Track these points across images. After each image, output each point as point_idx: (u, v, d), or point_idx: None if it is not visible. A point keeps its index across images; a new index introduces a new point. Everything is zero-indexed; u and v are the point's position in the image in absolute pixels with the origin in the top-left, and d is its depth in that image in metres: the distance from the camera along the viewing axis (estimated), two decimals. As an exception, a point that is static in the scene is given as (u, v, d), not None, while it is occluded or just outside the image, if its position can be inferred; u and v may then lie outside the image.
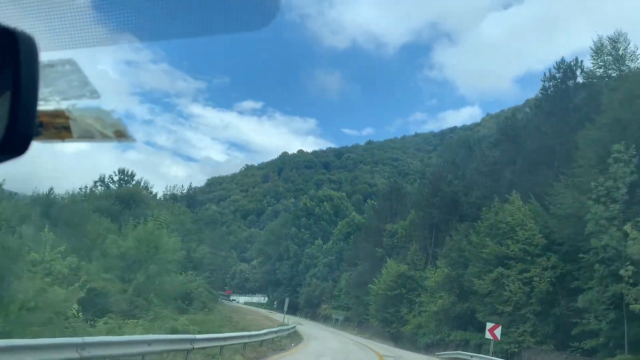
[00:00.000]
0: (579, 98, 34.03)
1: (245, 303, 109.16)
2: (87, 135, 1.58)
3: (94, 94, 1.60)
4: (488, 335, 21.49)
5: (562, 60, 36.46)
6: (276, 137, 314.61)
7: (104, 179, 55.21)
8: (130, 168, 57.72)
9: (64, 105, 1.54)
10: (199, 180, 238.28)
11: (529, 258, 25.93)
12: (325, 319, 66.85)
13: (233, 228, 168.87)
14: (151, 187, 55.05)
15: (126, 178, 56.27)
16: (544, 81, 36.61)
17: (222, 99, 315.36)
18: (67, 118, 1.53)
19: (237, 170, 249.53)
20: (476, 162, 42.03)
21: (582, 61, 35.48)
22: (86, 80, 1.60)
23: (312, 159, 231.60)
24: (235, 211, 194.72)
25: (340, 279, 69.29)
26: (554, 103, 35.01)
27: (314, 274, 78.51)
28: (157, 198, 56.14)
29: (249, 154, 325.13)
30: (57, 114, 1.52)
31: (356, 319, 55.81)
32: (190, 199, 62.17)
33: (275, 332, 19.56)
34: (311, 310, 75.70)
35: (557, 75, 36.29)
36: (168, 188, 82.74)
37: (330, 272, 76.89)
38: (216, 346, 12.63)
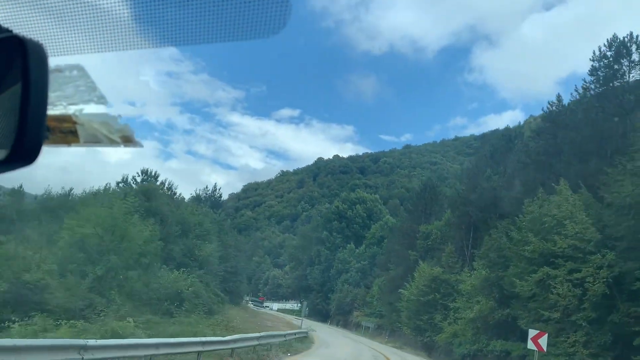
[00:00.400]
0: (635, 77, 29.96)
1: (279, 310, 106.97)
2: (94, 140, 1.59)
3: (102, 99, 1.62)
4: (531, 345, 17.96)
5: (615, 37, 32.40)
6: (314, 144, 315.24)
7: (126, 179, 54.07)
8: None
9: (71, 110, 1.56)
10: (237, 188, 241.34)
11: (580, 255, 22.18)
12: (357, 327, 63.58)
13: (267, 233, 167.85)
14: (175, 188, 53.35)
15: (149, 178, 54.98)
16: (593, 60, 32.60)
17: (260, 108, 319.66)
18: (74, 123, 1.56)
19: (273, 177, 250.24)
20: (518, 154, 38.19)
21: (638, 36, 31.31)
22: (94, 86, 1.61)
23: (348, 164, 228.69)
24: (269, 217, 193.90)
25: (373, 285, 65.90)
26: (606, 83, 31.01)
27: (345, 279, 75.35)
28: (181, 198, 54.48)
29: (287, 161, 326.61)
30: (64, 118, 1.54)
31: (388, 327, 52.34)
32: (215, 201, 60.31)
33: (269, 337, 16.83)
34: (343, 317, 72.51)
35: (609, 53, 32.28)
36: (197, 190, 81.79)
37: (362, 277, 73.56)
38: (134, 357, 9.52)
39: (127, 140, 1.62)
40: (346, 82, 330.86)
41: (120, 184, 52.87)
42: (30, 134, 1.17)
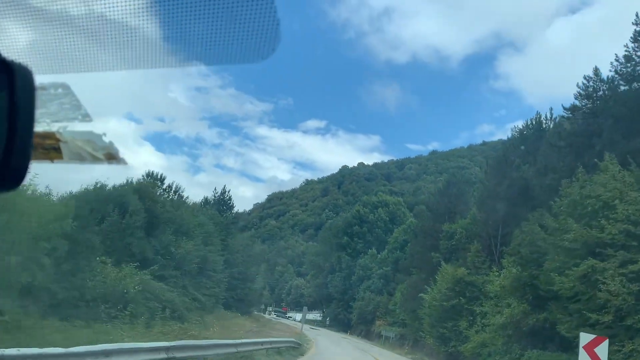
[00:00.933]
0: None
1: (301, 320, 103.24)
2: (78, 158, 1.60)
3: (86, 117, 1.64)
4: (585, 356, 13.32)
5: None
6: (340, 155, 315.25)
7: (131, 181, 51.44)
8: (198, 191, 54.20)
9: (54, 127, 1.57)
10: (264, 199, 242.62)
11: (635, 244, 17.85)
12: (380, 337, 59.28)
13: (291, 242, 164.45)
14: (182, 191, 50.23)
15: (154, 181, 52.16)
16: (637, 24, 28.11)
17: (287, 120, 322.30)
18: (58, 140, 1.56)
19: (298, 186, 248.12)
20: (550, 137, 33.69)
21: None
22: (78, 104, 1.65)
23: (373, 171, 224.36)
24: (293, 225, 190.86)
25: (395, 292, 61.55)
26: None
27: (367, 286, 71.08)
28: (188, 201, 51.36)
29: (314, 172, 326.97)
30: (48, 135, 1.55)
31: (411, 337, 47.95)
32: (222, 203, 57.02)
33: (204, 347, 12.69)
34: (365, 327, 68.20)
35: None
36: (208, 194, 78.96)
37: (385, 284, 69.19)
38: None
39: (111, 157, 1.62)
40: (370, 92, 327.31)
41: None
42: (16, 159, 1.17)
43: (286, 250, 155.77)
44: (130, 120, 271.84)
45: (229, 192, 57.86)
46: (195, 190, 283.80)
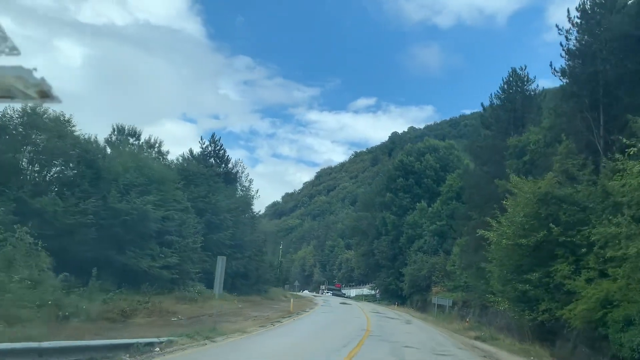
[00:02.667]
0: None
1: (357, 296, 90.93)
2: (8, 95, 1.55)
3: (14, 50, 1.56)
4: None
5: None
6: (394, 129, 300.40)
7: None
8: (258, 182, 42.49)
9: None
10: (313, 176, 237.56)
11: None
12: (439, 307, 45.92)
13: (341, 216, 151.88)
14: (160, 145, 38.12)
15: (124, 137, 40.53)
16: None
17: (336, 102, 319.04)
18: None
19: (347, 159, 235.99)
20: None
21: None
22: (4, 35, 1.57)
23: (425, 133, 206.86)
24: (343, 198, 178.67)
25: (453, 249, 47.63)
26: None
27: (419, 247, 57.19)
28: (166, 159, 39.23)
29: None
30: None
31: (477, 304, 34.09)
32: (213, 156, 44.57)
33: None
34: (421, 296, 54.51)
35: None
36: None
37: (440, 242, 55.10)
38: None
39: (44, 95, 1.55)
40: (415, 61, 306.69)
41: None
42: None
43: (336, 224, 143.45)
44: (186, 121, 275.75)
45: (219, 141, 45.11)
46: (256, 182, 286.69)
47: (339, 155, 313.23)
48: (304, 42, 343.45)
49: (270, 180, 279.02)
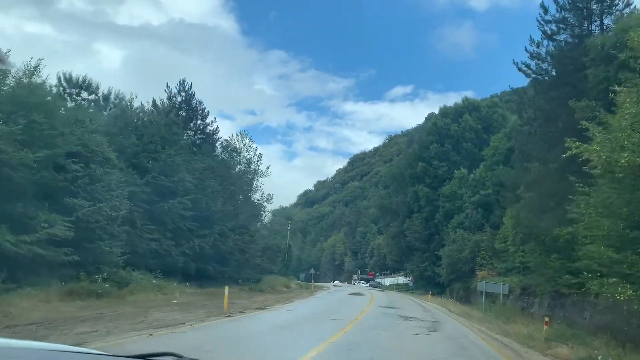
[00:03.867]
0: None
1: (390, 286, 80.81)
2: None
3: None
4: None
5: None
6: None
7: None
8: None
9: None
10: (346, 163, 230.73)
11: None
12: (488, 296, 35.32)
13: (374, 201, 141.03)
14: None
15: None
16: None
17: (371, 92, 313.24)
18: None
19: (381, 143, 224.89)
20: None
21: None
22: None
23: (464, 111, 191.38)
24: (377, 183, 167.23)
25: (503, 222, 36.83)
26: None
27: (459, 222, 46.42)
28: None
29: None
30: None
31: (546, 290, 23.32)
32: (186, 109, 34.36)
33: None
34: (463, 283, 43.74)
35: None
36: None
37: (485, 214, 44.21)
38: None
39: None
40: (450, 44, 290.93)
41: None
42: None
43: (368, 209, 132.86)
44: (223, 119, 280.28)
45: (190, 89, 35.04)
46: (293, 175, 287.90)
47: (375, 145, 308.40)
48: (336, 33, 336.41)
49: (308, 174, 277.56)
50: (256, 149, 58.90)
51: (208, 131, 35.54)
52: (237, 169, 50.51)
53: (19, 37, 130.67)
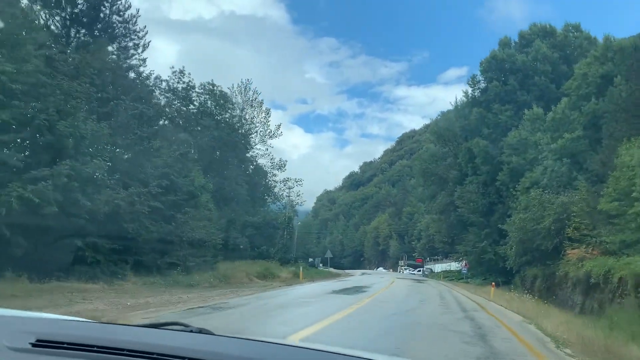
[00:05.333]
0: None
1: (439, 273, 66.90)
2: None
3: None
4: None
5: None
6: None
7: None
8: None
9: None
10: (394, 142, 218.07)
11: None
12: (593, 291, 21.18)
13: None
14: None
15: None
16: None
17: (424, 75, 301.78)
18: None
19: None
20: None
21: None
22: None
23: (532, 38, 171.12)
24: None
25: (613, 166, 22.59)
26: None
27: (533, 182, 32.01)
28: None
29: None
30: None
31: None
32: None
33: None
34: (543, 269, 29.41)
35: None
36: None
37: (574, 167, 29.76)
38: None
39: None
40: (504, 20, 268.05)
41: None
42: None
43: (417, 188, 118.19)
44: (276, 109, 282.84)
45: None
46: (344, 162, 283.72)
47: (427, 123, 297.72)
48: (387, 17, 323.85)
49: (359, 161, 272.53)
50: (262, 102, 46.67)
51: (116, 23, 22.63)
52: (223, 118, 38.34)
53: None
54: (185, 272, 17.74)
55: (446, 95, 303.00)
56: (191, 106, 38.49)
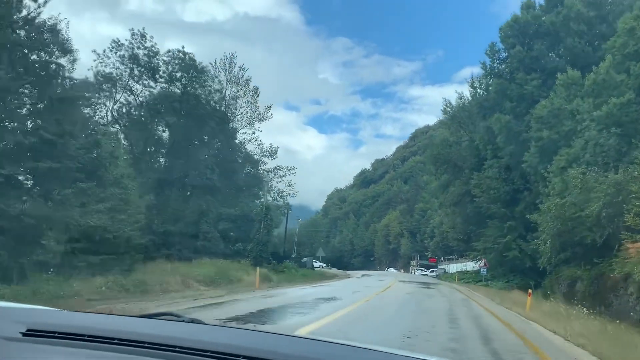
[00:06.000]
0: None
1: (456, 274, 60.45)
2: None
3: None
4: None
5: None
6: None
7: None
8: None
9: None
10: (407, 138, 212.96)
11: None
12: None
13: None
14: None
15: None
16: None
17: (439, 74, 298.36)
18: None
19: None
20: None
21: None
22: None
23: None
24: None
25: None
26: None
27: (570, 158, 25.51)
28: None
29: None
30: None
31: None
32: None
33: None
34: (589, 269, 22.93)
35: None
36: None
37: (623, 140, 23.22)
38: None
39: None
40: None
41: None
42: None
43: (430, 184, 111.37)
44: (289, 110, 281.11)
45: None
46: (358, 162, 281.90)
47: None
48: (401, 16, 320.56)
49: (371, 160, 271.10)
50: (249, 80, 40.81)
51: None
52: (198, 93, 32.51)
53: (94, 40, 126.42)
54: (62, 276, 11.89)
55: (463, 93, 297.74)
56: (158, 77, 32.79)
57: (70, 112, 13.61)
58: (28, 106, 13.41)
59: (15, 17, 12.94)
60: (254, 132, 39.14)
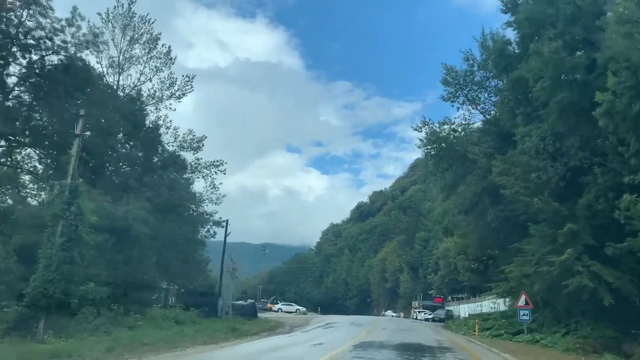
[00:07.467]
0: None
1: (469, 318, 45.61)
2: None
3: None
4: None
5: None
6: None
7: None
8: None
9: None
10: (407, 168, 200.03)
11: None
12: None
13: (439, 202, 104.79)
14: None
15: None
16: None
17: (439, 114, 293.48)
18: None
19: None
20: None
21: None
22: None
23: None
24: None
25: None
26: None
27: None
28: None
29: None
30: None
31: None
32: None
33: None
34: None
35: None
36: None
37: None
38: None
39: None
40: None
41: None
42: None
43: (433, 211, 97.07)
44: (291, 152, 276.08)
45: None
46: (358, 199, 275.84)
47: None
48: (400, 58, 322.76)
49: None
50: (158, 38, 28.11)
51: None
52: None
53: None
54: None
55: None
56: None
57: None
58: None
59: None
60: (166, 115, 26.64)
